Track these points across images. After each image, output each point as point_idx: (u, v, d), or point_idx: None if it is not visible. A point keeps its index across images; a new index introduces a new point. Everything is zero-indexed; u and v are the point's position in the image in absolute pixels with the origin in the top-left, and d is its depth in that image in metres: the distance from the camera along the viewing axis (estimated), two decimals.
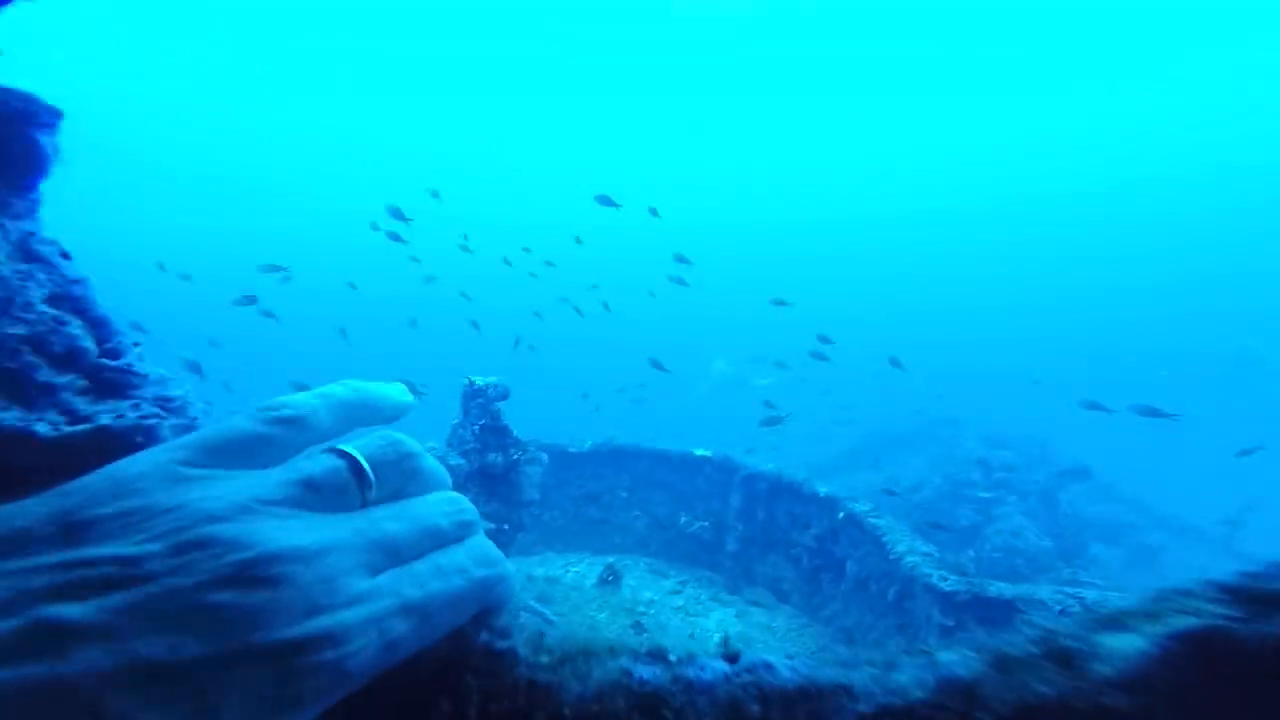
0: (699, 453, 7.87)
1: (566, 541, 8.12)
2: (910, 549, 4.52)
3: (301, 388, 0.70)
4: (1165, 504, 11.19)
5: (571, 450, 8.29)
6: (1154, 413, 5.63)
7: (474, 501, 3.09)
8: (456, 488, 0.77)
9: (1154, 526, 10.37)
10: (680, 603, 6.58)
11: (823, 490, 6.19)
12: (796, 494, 6.50)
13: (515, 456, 5.47)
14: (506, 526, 5.27)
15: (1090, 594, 3.42)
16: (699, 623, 6.14)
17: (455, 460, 5.07)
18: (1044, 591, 3.53)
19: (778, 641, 5.51)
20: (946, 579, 3.92)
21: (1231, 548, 10.10)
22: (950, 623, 3.74)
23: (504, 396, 5.48)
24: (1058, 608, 3.41)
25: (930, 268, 50.84)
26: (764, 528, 6.86)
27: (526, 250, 15.88)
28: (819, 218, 56.66)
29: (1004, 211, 53.24)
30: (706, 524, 7.44)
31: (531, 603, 5.69)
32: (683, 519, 7.59)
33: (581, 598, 6.38)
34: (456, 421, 5.40)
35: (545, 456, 5.60)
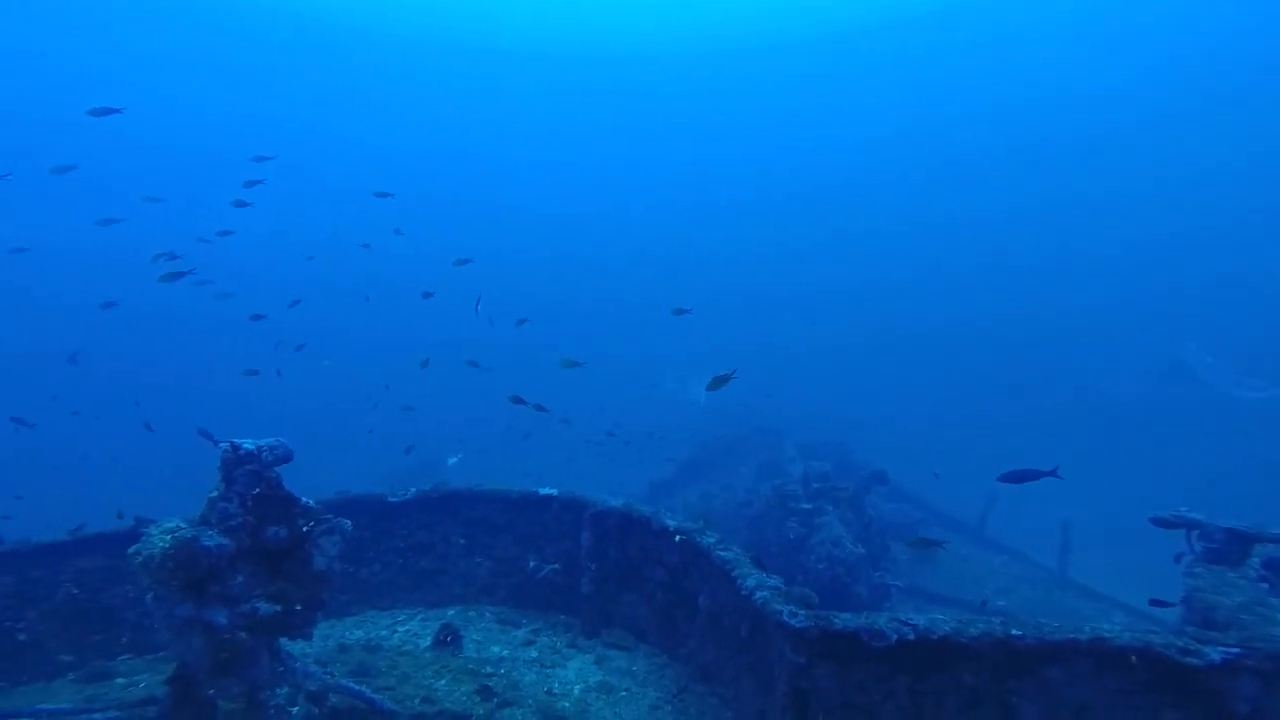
0: (544, 491, 7.55)
1: (394, 597, 7.32)
2: (759, 583, 4.70)
3: None
4: (940, 499, 13.35)
5: (392, 500, 7.50)
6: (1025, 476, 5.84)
7: (249, 583, 2.54)
8: (219, 571, 0.53)
9: (935, 522, 12.31)
10: (535, 654, 6.19)
11: (672, 524, 6.25)
12: (646, 528, 6.50)
13: (305, 528, 4.69)
14: (300, 607, 4.52)
15: (919, 620, 3.83)
16: (557, 675, 5.81)
17: (214, 540, 4.19)
18: (882, 620, 3.87)
19: (639, 687, 5.43)
20: (796, 615, 4.13)
21: (981, 538, 12.36)
22: (802, 660, 3.94)
23: (284, 459, 4.64)
24: (895, 636, 3.77)
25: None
26: (617, 566, 6.75)
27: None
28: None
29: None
30: (558, 566, 7.16)
31: (345, 681, 4.94)
32: (532, 563, 7.22)
33: (413, 664, 5.70)
34: (214, 494, 4.53)
35: (348, 523, 4.88)
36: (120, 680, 5.56)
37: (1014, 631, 3.49)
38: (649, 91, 56.70)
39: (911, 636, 3.62)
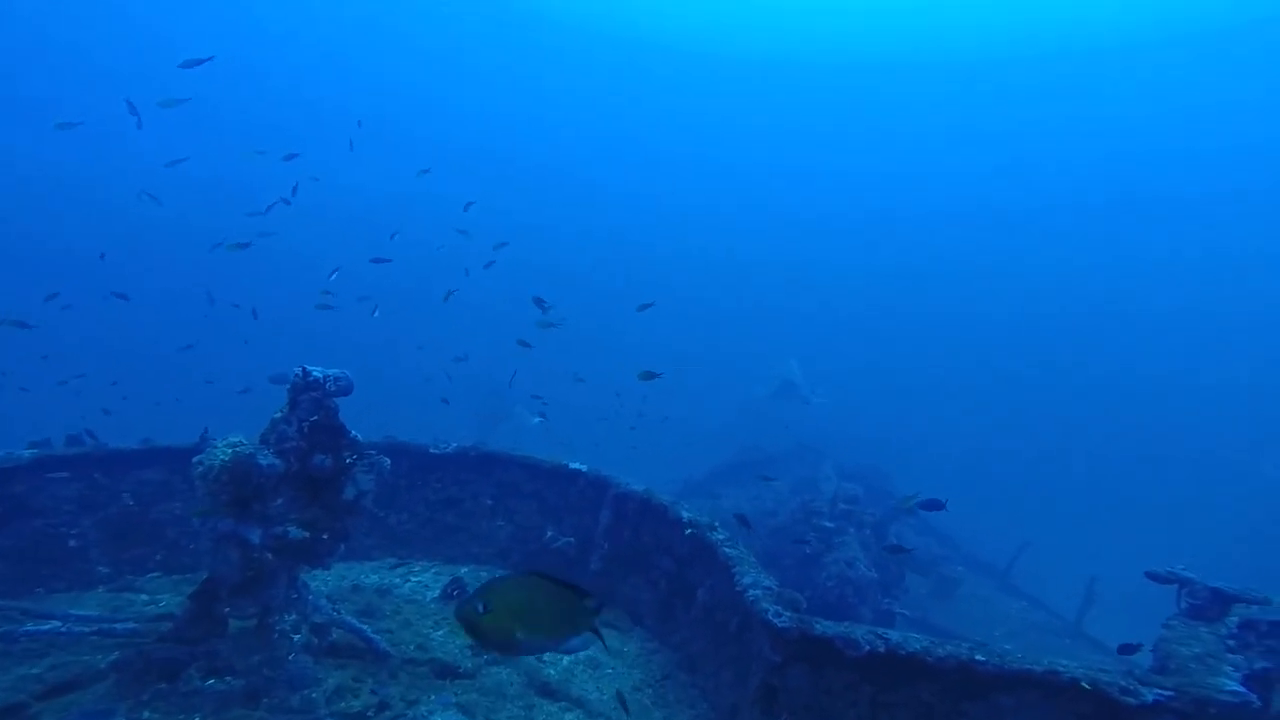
0: (573, 466, 7.81)
1: (413, 548, 7.73)
2: (755, 582, 4.84)
3: None
4: (970, 538, 12.98)
5: (433, 452, 7.94)
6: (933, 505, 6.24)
7: (287, 506, 2.95)
8: (264, 491, 0.70)
9: (957, 560, 11.97)
10: None
11: (685, 515, 6.41)
12: (661, 517, 6.69)
13: (348, 460, 4.96)
14: (326, 536, 4.84)
15: (894, 635, 3.90)
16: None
17: (267, 460, 4.48)
18: (859, 631, 3.96)
19: (625, 668, 5.67)
20: (781, 615, 4.27)
21: (1006, 583, 11.96)
22: (778, 658, 4.08)
23: (345, 392, 4.91)
24: (867, 647, 3.86)
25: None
26: (629, 548, 6.99)
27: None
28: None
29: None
30: (572, 540, 7.44)
31: (349, 618, 5.22)
32: (549, 533, 7.56)
33: (416, 612, 5.98)
34: (278, 415, 4.78)
35: (388, 461, 5.20)
36: (144, 596, 5.81)
37: (977, 657, 3.55)
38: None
39: (882, 649, 3.70)
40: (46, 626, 4.74)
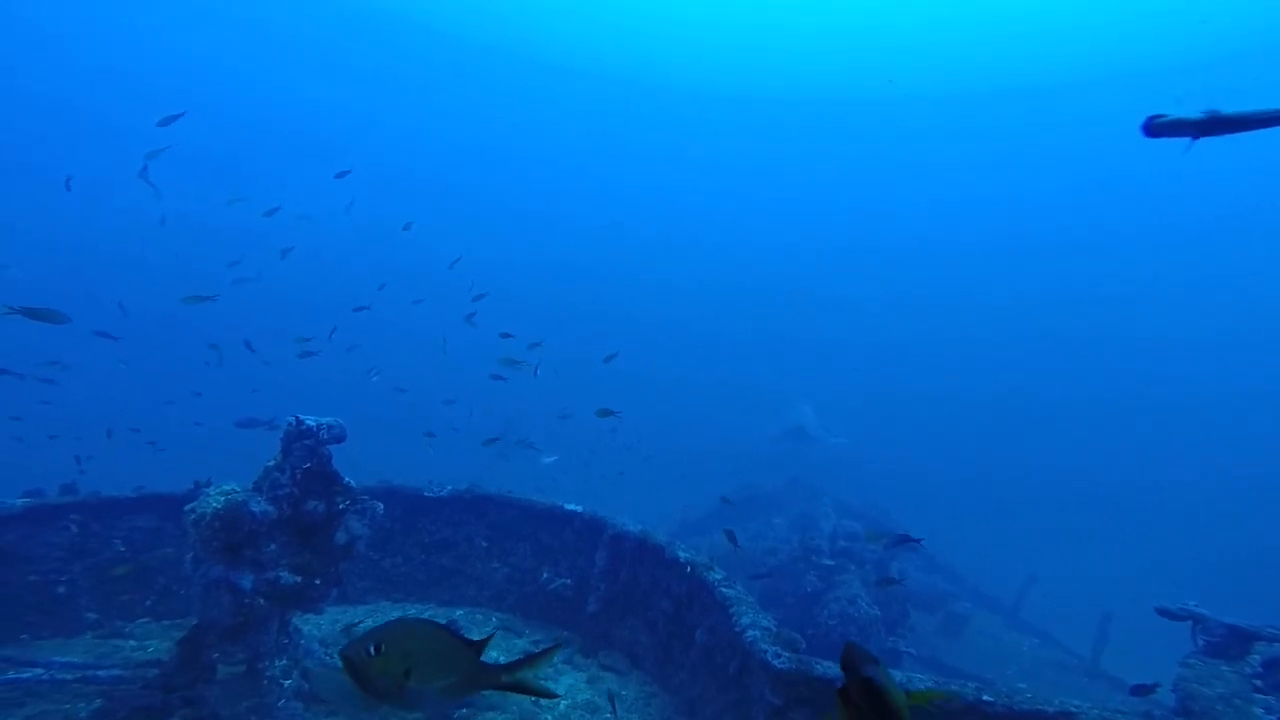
0: (569, 507, 7.76)
1: (408, 591, 7.64)
2: (753, 622, 4.75)
3: None
4: (975, 574, 12.74)
5: (428, 495, 7.90)
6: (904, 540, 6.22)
7: (280, 552, 2.85)
8: (256, 537, 0.72)
9: (964, 596, 11.73)
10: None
11: (683, 556, 6.33)
12: (659, 558, 6.60)
13: (341, 505, 5.03)
14: (319, 581, 4.83)
15: (897, 675, 3.81)
16: (547, 688, 5.97)
17: (260, 506, 4.53)
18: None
19: (624, 712, 5.50)
20: (780, 656, 4.17)
21: (1015, 619, 11.70)
22: (779, 701, 3.97)
23: (339, 439, 5.03)
24: None
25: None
26: (626, 589, 6.87)
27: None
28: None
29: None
30: (569, 581, 7.32)
31: (339, 663, 5.19)
32: (545, 574, 7.43)
33: None
34: (271, 463, 4.88)
35: (380, 506, 5.22)
36: (132, 642, 5.75)
37: (985, 697, 3.44)
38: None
39: None
40: (28, 674, 4.69)
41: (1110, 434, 39.35)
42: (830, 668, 3.95)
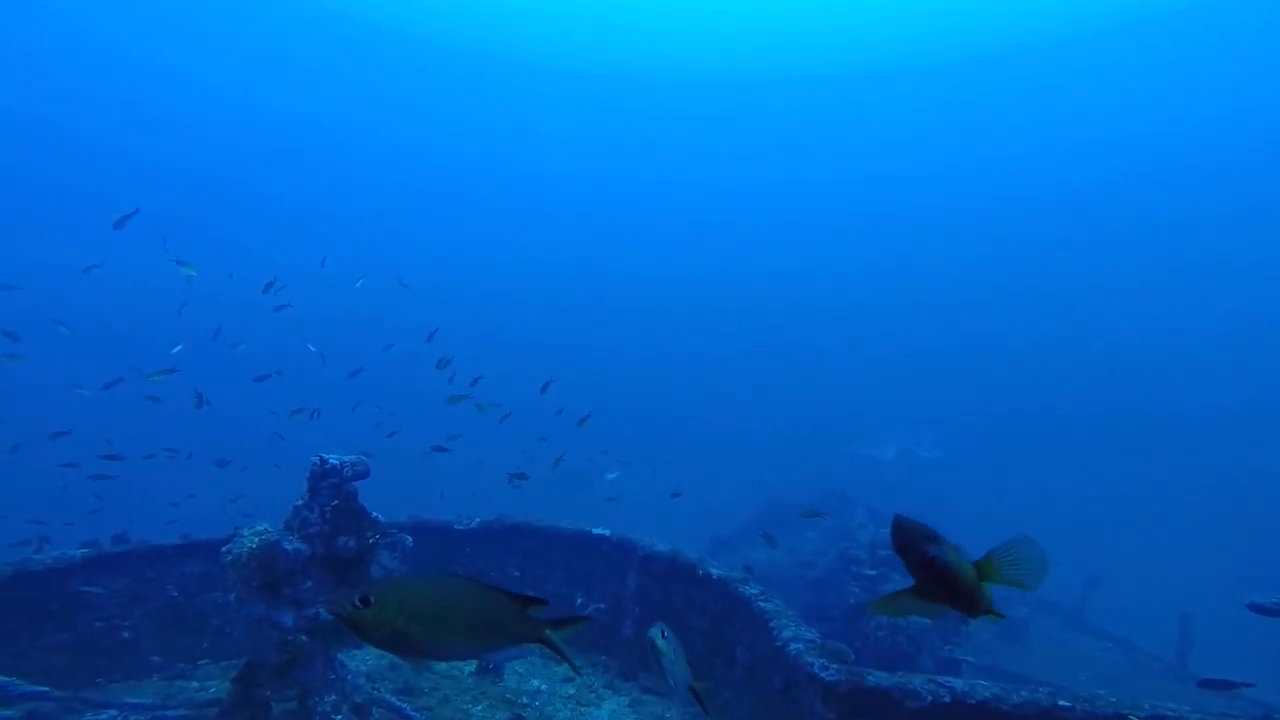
0: (597, 531, 7.67)
1: None
2: (796, 635, 4.55)
3: None
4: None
5: (457, 528, 7.88)
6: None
7: (317, 589, 2.72)
8: (292, 575, 0.67)
9: (1021, 600, 11.18)
10: (571, 691, 6.20)
11: (715, 573, 6.18)
12: (691, 576, 6.45)
13: (371, 540, 5.04)
14: None
15: (958, 683, 3.58)
16: (590, 714, 5.79)
17: (293, 545, 4.59)
18: (917, 681, 3.65)
19: None
20: (828, 668, 3.97)
21: (1080, 622, 11.07)
22: (831, 715, 3.76)
23: (362, 475, 5.09)
24: (929, 698, 3.53)
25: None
26: (660, 610, 6.71)
27: None
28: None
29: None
30: (603, 605, 7.19)
31: (388, 696, 5.22)
32: (579, 600, 7.30)
33: (455, 688, 5.90)
34: (299, 502, 4.93)
35: (409, 540, 5.23)
36: (195, 684, 6.00)
37: (1061, 702, 3.19)
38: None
39: (947, 699, 3.39)
40: (104, 716, 4.93)
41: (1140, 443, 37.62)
42: (883, 677, 3.75)
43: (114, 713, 5.01)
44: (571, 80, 55.05)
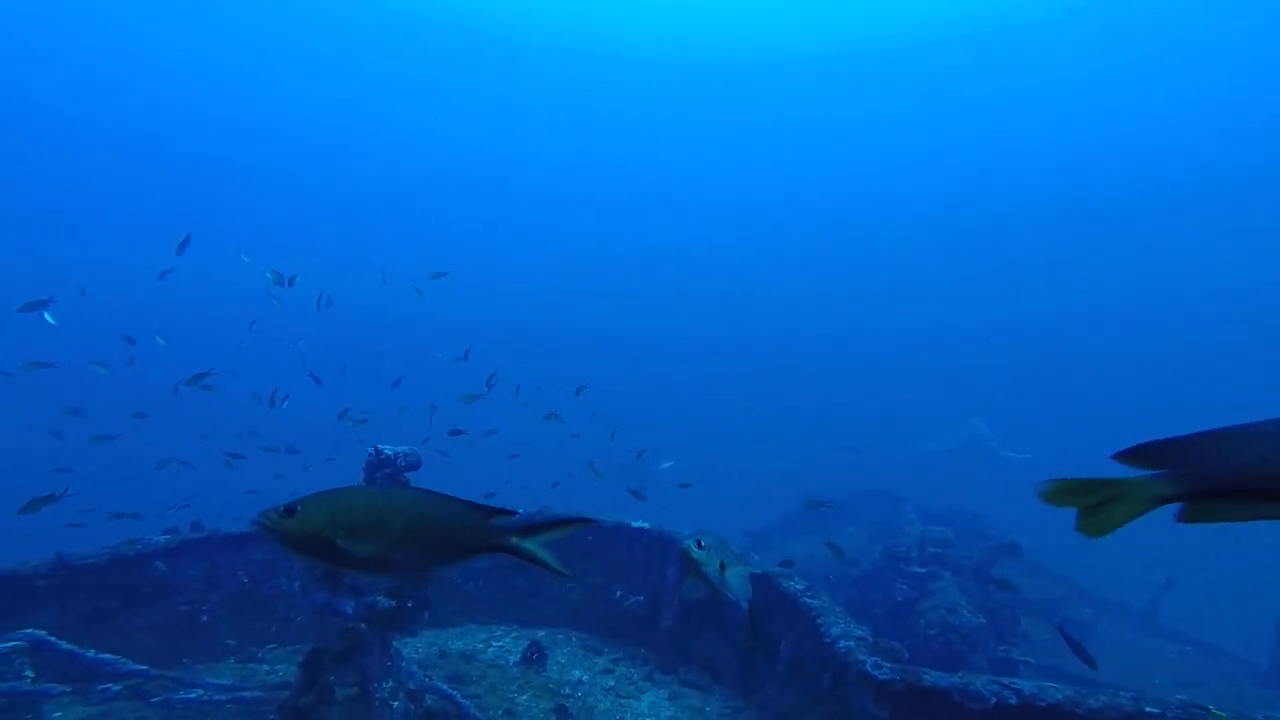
0: (636, 524, 7.60)
1: (491, 612, 7.69)
2: (845, 632, 4.37)
3: None
4: (1088, 579, 11.52)
5: None
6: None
7: (372, 580, 2.59)
8: None
9: (1082, 601, 10.60)
10: (612, 683, 6.15)
11: (758, 567, 6.03)
12: None
13: None
14: (410, 604, 4.91)
15: (1026, 685, 3.34)
16: (630, 706, 5.73)
17: None
18: (980, 682, 3.42)
19: None
20: (881, 667, 3.77)
21: (1153, 624, 10.40)
22: (885, 714, 3.57)
23: (415, 466, 5.18)
24: (993, 700, 3.31)
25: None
26: (700, 603, 6.59)
27: None
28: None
29: None
30: (642, 598, 7.10)
31: (440, 684, 5.34)
32: (618, 593, 7.23)
33: (501, 677, 5.98)
34: None
35: None
36: (265, 667, 6.24)
37: (1148, 709, 2.92)
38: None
39: (1013, 701, 3.17)
40: (193, 694, 5.32)
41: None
42: (941, 678, 3.54)
43: (200, 691, 5.36)
44: (589, 64, 52.68)
